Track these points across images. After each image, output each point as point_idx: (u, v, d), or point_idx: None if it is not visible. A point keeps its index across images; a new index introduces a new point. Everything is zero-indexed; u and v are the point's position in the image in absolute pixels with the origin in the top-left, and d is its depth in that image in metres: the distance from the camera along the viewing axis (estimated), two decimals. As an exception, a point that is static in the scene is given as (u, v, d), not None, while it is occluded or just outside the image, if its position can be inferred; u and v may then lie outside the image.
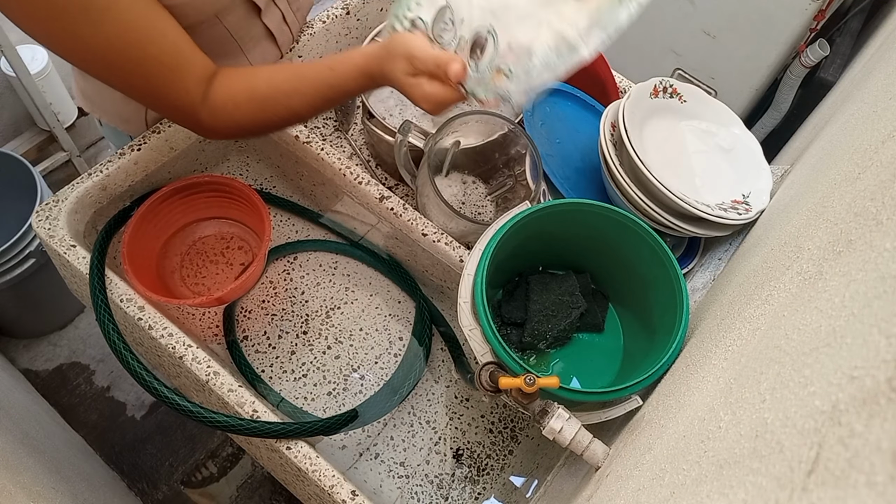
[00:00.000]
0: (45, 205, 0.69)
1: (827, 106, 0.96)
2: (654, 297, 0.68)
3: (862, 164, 0.44)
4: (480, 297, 0.59)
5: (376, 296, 0.85)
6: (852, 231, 0.36)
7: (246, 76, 0.65)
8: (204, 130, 0.67)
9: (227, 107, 0.64)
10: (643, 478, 0.42)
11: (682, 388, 0.51)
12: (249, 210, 0.76)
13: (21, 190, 1.27)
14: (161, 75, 0.61)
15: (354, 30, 0.93)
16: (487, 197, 0.88)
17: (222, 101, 0.64)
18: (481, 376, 0.58)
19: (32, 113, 1.51)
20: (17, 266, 1.24)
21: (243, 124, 0.67)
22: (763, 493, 0.24)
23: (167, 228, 0.79)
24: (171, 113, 0.67)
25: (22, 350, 1.50)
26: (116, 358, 0.62)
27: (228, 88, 0.64)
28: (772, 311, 0.42)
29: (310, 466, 0.60)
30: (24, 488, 0.70)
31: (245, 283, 0.72)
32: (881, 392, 0.21)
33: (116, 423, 1.43)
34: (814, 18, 1.19)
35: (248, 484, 1.37)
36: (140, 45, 0.58)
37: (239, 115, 0.65)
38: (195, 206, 0.79)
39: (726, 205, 0.73)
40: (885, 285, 0.26)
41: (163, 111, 0.68)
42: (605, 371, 0.74)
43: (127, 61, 0.59)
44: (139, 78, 0.61)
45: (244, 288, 0.79)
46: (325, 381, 0.78)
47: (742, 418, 0.32)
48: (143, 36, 0.58)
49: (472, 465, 0.76)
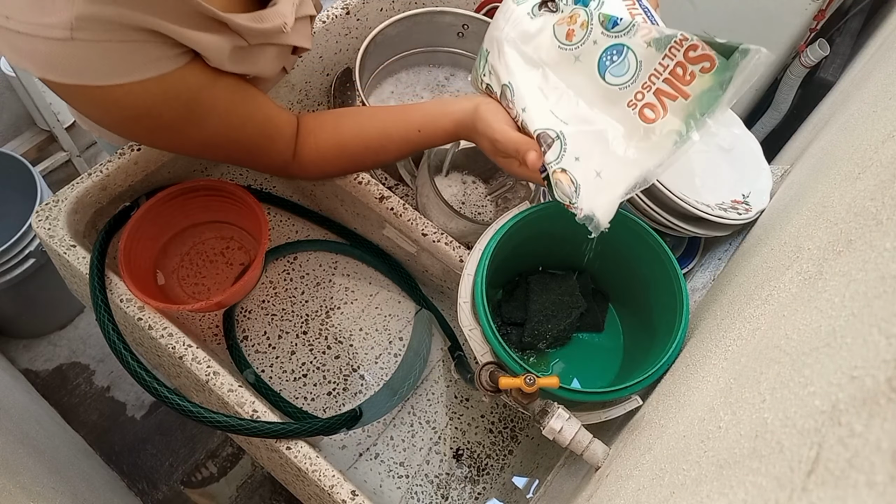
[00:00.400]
0: (45, 205, 0.69)
1: (827, 106, 0.96)
2: (654, 297, 0.68)
3: (862, 164, 0.44)
4: (480, 297, 0.59)
5: (376, 296, 0.85)
6: (852, 231, 0.36)
7: (332, 131, 0.68)
8: (294, 178, 0.72)
9: (316, 162, 0.68)
10: (643, 478, 0.42)
11: (682, 388, 0.51)
12: (246, 213, 0.76)
13: (21, 190, 1.27)
14: (257, 146, 0.64)
15: (354, 30, 0.93)
16: (487, 197, 0.88)
17: (311, 158, 0.68)
18: (481, 376, 0.58)
19: (32, 113, 1.51)
20: (17, 266, 1.24)
21: (332, 173, 0.74)
22: (763, 493, 0.24)
23: (164, 233, 0.79)
24: (264, 170, 0.72)
25: (22, 350, 1.50)
26: (116, 358, 0.62)
27: (315, 145, 0.67)
28: (772, 311, 0.42)
29: (310, 466, 0.60)
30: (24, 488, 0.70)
31: (243, 286, 0.72)
32: (881, 392, 0.20)
33: (116, 423, 1.43)
34: (814, 18, 1.19)
35: (248, 484, 1.37)
36: (239, 128, 0.61)
37: (329, 167, 0.70)
38: (192, 210, 0.79)
39: (726, 205, 0.73)
40: (885, 285, 0.26)
41: (256, 169, 0.72)
42: (605, 371, 0.74)
43: (227, 143, 0.62)
44: (237, 153, 0.64)
45: (243, 292, 0.78)
46: (325, 381, 0.78)
47: (742, 418, 0.32)
48: (241, 120, 0.61)
49: (472, 465, 0.76)
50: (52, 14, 0.45)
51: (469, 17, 0.91)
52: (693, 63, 0.52)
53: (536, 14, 0.60)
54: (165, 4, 0.49)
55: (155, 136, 0.59)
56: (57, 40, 0.46)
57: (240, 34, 0.56)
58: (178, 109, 0.55)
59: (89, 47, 0.47)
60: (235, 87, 0.60)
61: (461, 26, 0.93)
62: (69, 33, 0.45)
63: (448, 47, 0.96)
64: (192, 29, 0.51)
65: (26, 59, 0.47)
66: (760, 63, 0.49)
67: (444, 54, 0.98)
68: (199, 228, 0.82)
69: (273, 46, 0.62)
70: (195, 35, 0.52)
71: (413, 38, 0.93)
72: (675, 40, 0.52)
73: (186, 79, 0.54)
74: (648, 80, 0.54)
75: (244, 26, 0.55)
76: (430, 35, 0.94)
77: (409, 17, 0.89)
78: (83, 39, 0.46)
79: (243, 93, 0.61)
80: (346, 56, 0.95)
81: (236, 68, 0.58)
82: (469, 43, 0.95)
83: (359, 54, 0.84)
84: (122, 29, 0.47)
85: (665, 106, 0.53)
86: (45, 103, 1.45)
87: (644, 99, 0.54)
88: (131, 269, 0.68)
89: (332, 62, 0.94)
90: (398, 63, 0.96)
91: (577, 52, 0.57)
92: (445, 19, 0.92)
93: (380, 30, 0.86)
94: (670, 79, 0.53)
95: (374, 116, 0.68)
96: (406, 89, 0.96)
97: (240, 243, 0.83)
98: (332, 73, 0.95)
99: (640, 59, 0.54)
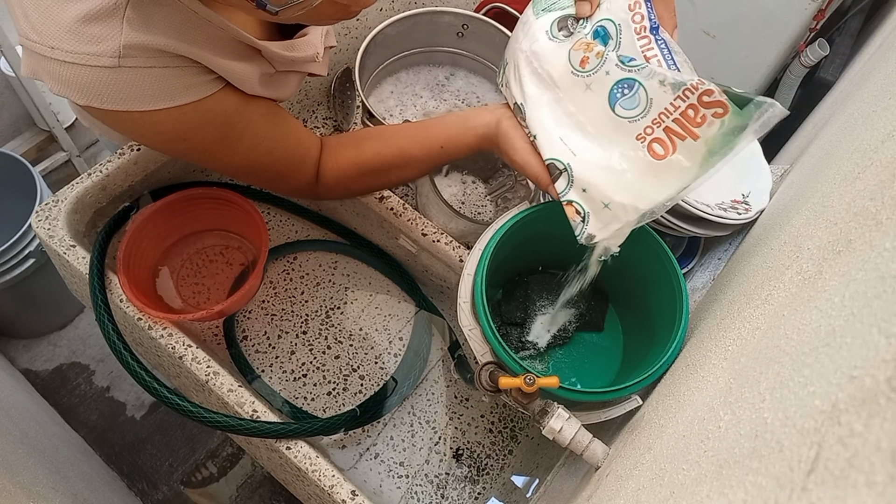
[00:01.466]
0: (45, 205, 0.69)
1: (827, 106, 0.96)
2: (653, 296, 0.68)
3: (862, 163, 0.44)
4: (480, 296, 0.59)
5: (376, 296, 0.85)
6: (852, 231, 0.36)
7: (354, 149, 0.68)
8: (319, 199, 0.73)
9: (340, 180, 0.69)
10: (643, 477, 0.42)
11: (682, 388, 0.51)
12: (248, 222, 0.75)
13: (21, 190, 1.27)
14: (287, 168, 0.65)
15: (354, 30, 0.93)
16: (487, 197, 0.88)
17: (335, 179, 0.69)
18: (481, 376, 0.58)
19: (32, 113, 1.51)
20: (17, 266, 1.24)
21: (356, 191, 0.75)
22: (763, 492, 0.24)
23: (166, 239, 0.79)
24: (292, 192, 0.73)
25: (22, 350, 1.50)
26: (116, 358, 0.62)
27: (338, 166, 0.68)
28: (772, 311, 0.42)
29: (310, 466, 0.60)
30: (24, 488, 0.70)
31: (244, 296, 0.72)
32: (881, 392, 0.20)
33: (116, 423, 1.43)
34: (813, 18, 1.19)
35: (248, 484, 1.37)
36: (271, 152, 0.63)
37: (352, 185, 0.70)
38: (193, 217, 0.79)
39: (726, 204, 0.73)
40: (885, 285, 0.26)
41: (285, 193, 0.73)
42: (605, 371, 0.74)
43: (259, 167, 0.64)
44: (269, 175, 0.66)
45: (244, 301, 0.78)
46: (325, 381, 0.78)
47: (742, 418, 0.32)
48: (272, 144, 0.63)
49: (472, 464, 0.76)
50: (100, 43, 0.47)
51: (469, 17, 0.91)
52: (706, 107, 0.52)
53: (555, 35, 0.60)
54: (206, 32, 0.51)
55: (191, 157, 0.60)
56: (104, 68, 0.48)
57: (270, 61, 0.58)
58: (213, 132, 0.57)
59: (134, 74, 0.49)
60: (266, 111, 0.61)
61: (461, 26, 0.93)
62: (117, 61, 0.48)
63: (448, 47, 0.97)
64: (226, 58, 0.53)
65: (70, 87, 0.49)
66: (774, 116, 0.49)
67: (443, 54, 0.98)
68: (199, 235, 0.82)
69: (297, 74, 0.64)
70: (227, 64, 0.54)
71: (413, 38, 0.93)
72: (692, 84, 0.52)
73: (222, 103, 0.56)
74: (658, 117, 0.54)
75: (277, 54, 0.57)
76: (430, 35, 0.94)
77: (409, 17, 0.89)
78: (129, 66, 0.48)
79: (274, 116, 0.62)
80: (346, 56, 0.95)
81: (265, 93, 0.60)
82: (469, 43, 0.95)
83: (359, 54, 0.84)
84: (165, 56, 0.50)
85: (675, 144, 0.54)
86: (44, 103, 1.45)
87: (653, 134, 0.54)
88: (131, 276, 0.68)
89: (332, 62, 0.94)
90: (398, 63, 0.96)
91: (588, 81, 0.57)
92: (445, 19, 0.92)
93: (380, 30, 0.86)
94: (681, 119, 0.53)
95: (395, 134, 0.68)
96: (406, 89, 0.96)
97: (239, 243, 0.83)
98: (332, 73, 0.95)
99: (651, 95, 0.54)
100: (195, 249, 0.82)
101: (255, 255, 0.82)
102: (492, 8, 0.98)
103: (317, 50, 0.62)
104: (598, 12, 0.58)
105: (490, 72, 0.97)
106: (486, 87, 0.99)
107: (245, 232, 0.81)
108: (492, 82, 0.98)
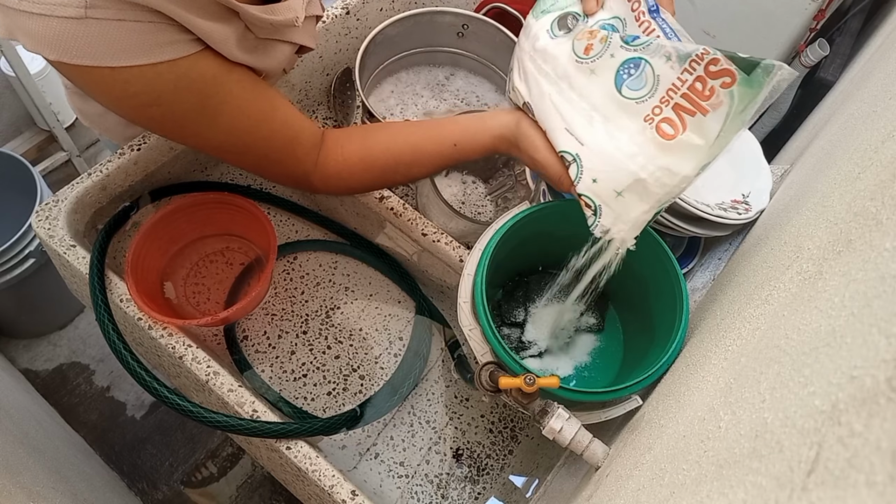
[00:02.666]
0: (45, 205, 0.69)
1: (827, 106, 0.96)
2: (654, 296, 0.68)
3: (862, 163, 0.44)
4: (480, 296, 0.59)
5: (376, 296, 0.85)
6: (852, 231, 0.36)
7: (360, 143, 0.66)
8: (315, 191, 0.69)
9: (341, 174, 0.66)
10: (643, 478, 0.42)
11: (682, 388, 0.51)
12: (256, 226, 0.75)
13: (21, 190, 1.27)
14: (274, 150, 0.62)
15: (354, 30, 0.93)
16: (487, 197, 0.88)
17: (336, 169, 0.65)
18: (481, 376, 0.58)
19: (32, 113, 1.51)
20: (17, 266, 1.24)
21: (356, 188, 0.70)
22: (763, 492, 0.24)
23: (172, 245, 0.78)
24: (284, 180, 0.69)
25: (22, 350, 1.50)
26: (116, 358, 0.62)
27: (341, 156, 0.65)
28: (772, 311, 0.42)
29: (310, 466, 0.60)
30: (24, 488, 0.70)
31: (251, 303, 0.71)
32: (881, 392, 0.20)
33: (116, 423, 1.43)
34: (813, 18, 1.19)
35: (248, 484, 1.37)
36: (254, 130, 0.60)
37: (354, 181, 0.67)
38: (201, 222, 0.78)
39: (726, 204, 0.73)
40: (885, 285, 0.26)
41: (275, 180, 0.70)
42: (605, 371, 0.74)
43: (242, 145, 0.61)
44: (254, 157, 0.63)
45: (250, 308, 0.78)
46: (325, 381, 0.78)
47: (742, 418, 0.32)
48: (256, 120, 0.60)
49: (472, 464, 0.76)
50: None
51: (469, 16, 0.92)
52: (713, 78, 0.51)
53: (556, 34, 0.59)
54: None
55: (167, 128, 0.58)
56: (71, 19, 0.46)
57: (249, 25, 0.56)
58: (190, 100, 0.55)
59: (103, 26, 0.47)
60: (249, 84, 0.59)
61: (461, 26, 0.93)
62: (83, 11, 0.46)
63: (448, 47, 0.97)
64: (202, 17, 0.51)
65: (40, 41, 0.48)
66: (784, 80, 0.48)
67: (443, 54, 0.98)
68: (205, 241, 0.82)
69: (283, 44, 0.62)
70: (204, 24, 0.52)
71: (413, 37, 0.93)
72: (697, 54, 0.51)
73: (199, 66, 0.54)
74: (666, 94, 0.53)
75: (255, 16, 0.55)
76: (430, 35, 0.94)
77: (409, 16, 0.89)
78: (97, 18, 0.47)
79: (258, 91, 0.60)
80: (346, 56, 0.95)
81: (246, 60, 0.58)
82: (469, 43, 0.95)
83: (359, 54, 0.84)
84: (136, 9, 0.48)
85: (684, 122, 0.52)
86: (44, 103, 1.45)
87: (662, 114, 0.53)
88: (138, 280, 0.68)
89: (332, 62, 0.94)
90: (398, 63, 0.96)
91: (593, 66, 0.56)
92: (445, 19, 0.92)
93: (380, 30, 0.86)
94: (689, 94, 0.52)
95: (405, 129, 0.66)
96: (406, 89, 0.96)
97: (240, 243, 0.83)
98: (332, 72, 0.96)
99: (658, 72, 0.53)
100: (201, 256, 0.82)
101: (256, 254, 0.82)
102: (492, 8, 0.98)
103: (296, 14, 0.59)
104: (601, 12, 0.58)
105: (490, 72, 0.97)
106: (486, 87, 0.99)
107: (252, 236, 0.81)
108: (492, 82, 0.98)
